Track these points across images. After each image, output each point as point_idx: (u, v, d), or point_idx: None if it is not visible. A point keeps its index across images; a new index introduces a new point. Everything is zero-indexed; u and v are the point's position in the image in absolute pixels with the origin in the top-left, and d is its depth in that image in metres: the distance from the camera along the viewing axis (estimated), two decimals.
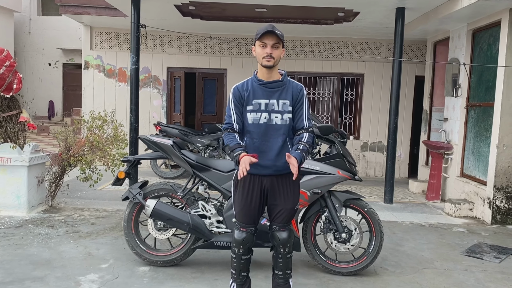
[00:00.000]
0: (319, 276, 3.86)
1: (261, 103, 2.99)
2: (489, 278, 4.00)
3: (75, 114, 13.90)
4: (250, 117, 2.99)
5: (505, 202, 5.85)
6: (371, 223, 3.87)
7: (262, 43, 2.94)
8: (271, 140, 2.99)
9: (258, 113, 2.98)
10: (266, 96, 2.99)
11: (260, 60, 2.97)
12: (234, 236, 3.12)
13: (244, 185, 3.04)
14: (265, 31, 2.91)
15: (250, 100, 2.99)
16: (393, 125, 6.77)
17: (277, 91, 3.02)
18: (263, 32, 2.91)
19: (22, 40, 15.88)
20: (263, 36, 2.92)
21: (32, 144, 5.54)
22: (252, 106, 3.00)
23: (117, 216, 5.53)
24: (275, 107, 2.99)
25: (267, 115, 2.98)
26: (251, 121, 3.00)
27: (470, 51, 6.81)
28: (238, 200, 3.09)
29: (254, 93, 3.00)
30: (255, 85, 3.02)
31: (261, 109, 2.99)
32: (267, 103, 2.99)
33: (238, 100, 3.04)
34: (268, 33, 2.91)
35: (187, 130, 8.15)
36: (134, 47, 6.56)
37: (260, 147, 2.99)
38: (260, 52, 2.95)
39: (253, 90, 3.01)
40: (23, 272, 3.72)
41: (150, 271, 3.84)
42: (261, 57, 2.95)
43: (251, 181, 3.03)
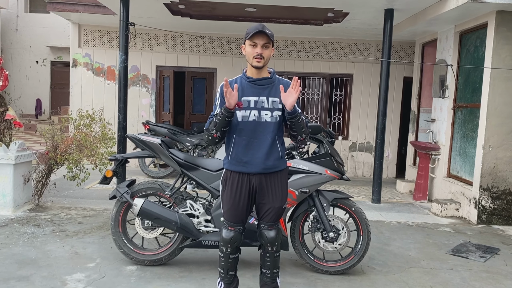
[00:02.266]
0: (306, 275, 3.88)
1: (251, 100, 2.97)
2: (474, 277, 4.05)
3: (63, 112, 13.78)
4: (240, 115, 2.96)
5: (491, 202, 5.92)
6: (359, 223, 3.89)
7: (253, 43, 2.91)
8: (260, 138, 2.98)
9: (247, 111, 2.96)
10: (256, 94, 2.98)
11: (251, 60, 2.95)
12: (222, 235, 3.11)
13: (232, 184, 3.04)
14: (255, 31, 2.89)
15: (239, 97, 2.95)
16: (381, 126, 6.82)
17: (267, 88, 3.01)
18: (253, 32, 2.89)
19: (9, 37, 15.69)
20: (253, 36, 2.90)
21: (18, 142, 5.47)
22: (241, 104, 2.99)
23: (104, 215, 5.49)
24: (264, 104, 2.98)
25: (257, 113, 2.96)
26: (241, 119, 2.96)
27: (458, 52, 6.89)
28: (226, 199, 3.08)
29: (243, 91, 2.98)
30: (244, 83, 3.01)
31: (250, 106, 2.97)
32: (257, 101, 2.97)
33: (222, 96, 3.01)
34: (259, 33, 2.90)
35: (176, 129, 8.11)
36: (122, 45, 6.51)
37: (248, 145, 2.98)
38: (250, 52, 2.93)
39: (242, 87, 2.98)
40: (8, 272, 3.67)
41: (137, 270, 3.82)
42: (251, 56, 2.93)
43: (239, 179, 3.02)
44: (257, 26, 2.92)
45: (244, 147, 2.99)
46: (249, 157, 2.97)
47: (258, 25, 2.92)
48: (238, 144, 3.00)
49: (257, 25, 2.94)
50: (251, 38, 2.91)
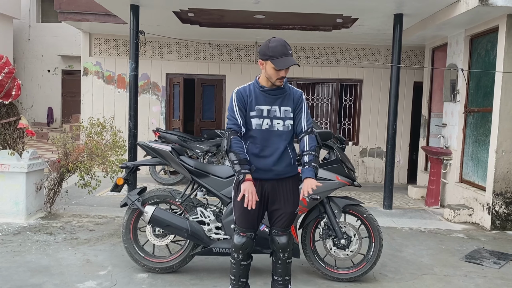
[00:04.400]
0: (318, 282, 3.85)
1: (263, 109, 3.03)
2: (489, 284, 3.98)
3: (74, 120, 13.92)
4: (254, 123, 3.01)
5: (504, 207, 5.84)
6: (370, 229, 3.86)
7: (279, 69, 2.93)
8: (272, 146, 3.03)
9: (260, 119, 3.01)
10: (268, 103, 3.03)
11: (273, 79, 2.98)
12: (234, 241, 3.12)
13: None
14: (285, 66, 2.91)
15: (253, 106, 3.02)
16: (392, 131, 6.77)
17: (279, 98, 3.06)
18: (283, 64, 2.90)
19: (21, 47, 15.94)
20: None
21: (30, 150, 5.53)
22: (255, 112, 3.02)
23: (115, 222, 5.51)
24: (277, 114, 3.03)
25: (269, 121, 3.02)
26: (254, 127, 3.02)
27: (468, 57, 6.83)
28: (238, 205, 3.08)
29: (256, 99, 3.02)
30: (258, 91, 3.04)
31: (263, 115, 3.02)
32: (269, 110, 3.03)
33: (242, 104, 3.04)
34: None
35: (186, 136, 8.15)
36: (133, 53, 6.58)
37: (261, 152, 3.03)
38: (273, 74, 2.95)
39: (256, 96, 3.03)
40: (21, 279, 3.70)
41: (148, 278, 3.82)
42: (275, 78, 2.96)
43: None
44: (283, 51, 2.90)
45: (257, 154, 3.03)
46: (262, 164, 3.01)
47: (285, 51, 2.91)
48: (251, 151, 3.04)
49: (283, 49, 2.91)
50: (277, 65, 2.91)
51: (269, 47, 2.93)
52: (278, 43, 2.94)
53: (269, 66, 2.94)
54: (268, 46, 2.94)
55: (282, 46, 2.92)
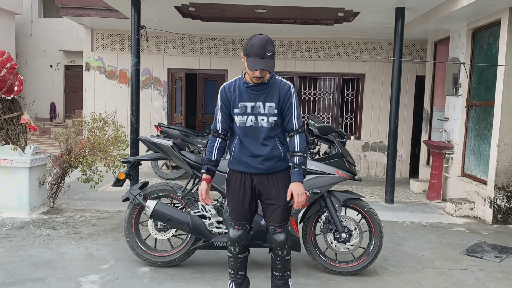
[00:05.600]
0: (319, 276, 3.87)
1: (247, 106, 2.98)
2: (490, 278, 4.00)
3: (77, 115, 13.95)
4: (237, 120, 3.00)
5: (506, 201, 5.84)
6: (371, 223, 3.87)
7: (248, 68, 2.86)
8: (258, 142, 2.99)
9: (244, 116, 2.98)
10: (252, 99, 2.97)
11: (249, 76, 2.93)
12: (229, 234, 3.14)
13: (235, 183, 3.08)
14: (254, 68, 2.80)
15: (236, 103, 2.99)
16: (394, 125, 6.77)
17: (263, 93, 2.98)
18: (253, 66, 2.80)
19: (23, 42, 15.95)
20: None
21: (33, 145, 5.56)
22: (239, 109, 2.99)
23: (118, 217, 5.54)
24: (261, 110, 2.97)
25: (254, 118, 2.97)
26: (239, 124, 3.00)
27: (470, 50, 6.81)
28: (230, 198, 3.13)
29: (240, 96, 2.98)
30: (242, 87, 2.99)
31: (247, 112, 2.97)
32: (253, 106, 2.97)
33: (225, 102, 3.03)
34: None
35: (188, 131, 8.16)
36: (134, 48, 6.57)
37: (248, 148, 3.01)
38: (249, 71, 2.86)
39: (240, 92, 2.99)
40: (24, 273, 3.74)
41: (150, 271, 3.85)
42: (251, 76, 2.90)
43: (241, 178, 3.06)
44: (258, 52, 2.78)
45: (244, 149, 3.02)
46: (249, 159, 3.00)
47: (260, 53, 2.78)
48: (239, 146, 3.03)
49: (260, 50, 2.78)
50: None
51: (248, 44, 2.84)
52: (257, 42, 2.81)
53: (245, 63, 2.89)
54: (248, 43, 2.84)
55: (260, 47, 2.79)
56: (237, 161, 3.05)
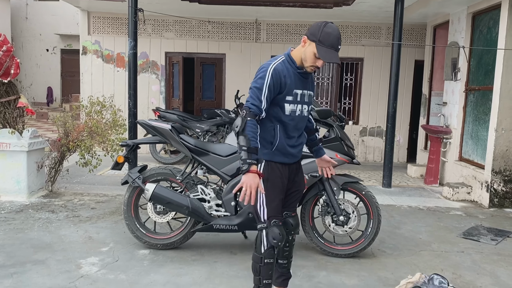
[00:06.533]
0: (317, 258, 3.90)
1: (298, 93, 2.73)
2: (485, 260, 4.04)
3: (74, 100, 13.89)
4: (288, 108, 2.69)
5: (503, 185, 5.88)
6: (369, 206, 3.90)
7: (319, 57, 2.63)
8: (300, 131, 2.85)
9: (295, 105, 2.71)
10: (302, 87, 2.76)
11: (306, 64, 2.68)
12: (273, 235, 2.71)
13: (276, 176, 2.76)
14: (329, 59, 2.63)
15: (291, 90, 2.68)
16: (392, 110, 6.76)
17: (309, 81, 2.83)
18: (328, 57, 2.61)
19: (19, 26, 15.77)
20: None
21: (31, 129, 5.54)
22: (292, 97, 2.69)
23: (117, 200, 5.56)
24: (305, 98, 2.79)
25: (301, 107, 2.76)
26: (288, 113, 2.70)
27: (470, 34, 6.77)
28: (272, 194, 2.73)
29: (295, 82, 2.70)
30: (295, 73, 2.70)
31: (297, 100, 2.73)
32: (302, 94, 2.76)
33: (276, 85, 2.62)
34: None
35: (186, 116, 8.14)
36: (132, 31, 6.51)
37: (292, 139, 2.79)
38: (310, 59, 2.64)
39: (294, 78, 2.69)
40: (24, 256, 3.76)
41: (150, 254, 3.88)
42: (309, 64, 2.67)
43: (282, 170, 2.78)
44: (334, 43, 2.60)
45: (290, 139, 2.77)
46: (293, 149, 2.80)
47: (335, 44, 2.61)
48: (284, 136, 2.75)
49: (335, 41, 2.60)
50: (321, 55, 2.61)
51: (323, 31, 2.59)
52: (334, 32, 2.59)
53: (311, 49, 2.62)
54: (322, 30, 2.59)
55: (336, 38, 2.59)
56: (281, 152, 2.75)
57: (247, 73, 9.18)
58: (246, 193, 2.52)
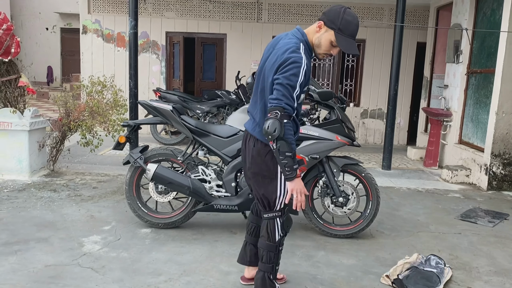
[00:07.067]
0: (316, 238, 3.96)
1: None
2: (482, 241, 4.10)
3: (74, 79, 13.83)
4: (301, 97, 2.53)
5: (502, 168, 5.91)
6: (368, 188, 3.93)
7: (336, 46, 2.52)
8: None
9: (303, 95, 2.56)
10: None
11: (320, 51, 2.55)
12: (288, 224, 2.76)
13: None
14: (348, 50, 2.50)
15: (309, 78, 2.51)
16: (393, 92, 6.75)
17: None
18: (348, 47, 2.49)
19: (18, 3, 15.58)
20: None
21: (32, 109, 5.54)
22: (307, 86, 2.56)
23: (118, 180, 5.60)
24: None
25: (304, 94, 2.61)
26: (300, 101, 2.54)
27: (474, 16, 6.72)
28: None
29: (310, 70, 2.56)
30: (308, 58, 2.51)
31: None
32: None
33: (307, 81, 2.46)
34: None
35: (187, 97, 8.13)
36: (132, 10, 6.45)
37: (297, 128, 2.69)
38: (326, 46, 2.52)
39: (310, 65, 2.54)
40: (28, 233, 3.81)
41: (151, 232, 3.94)
42: (323, 51, 2.55)
43: None
44: (354, 32, 2.48)
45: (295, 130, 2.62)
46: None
47: (355, 33, 2.49)
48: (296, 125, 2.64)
49: (355, 30, 2.48)
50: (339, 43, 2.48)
51: (343, 19, 2.46)
52: (354, 20, 2.48)
53: (328, 36, 2.49)
54: (342, 17, 2.46)
55: (356, 26, 2.48)
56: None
57: (248, 54, 9.14)
58: (298, 199, 2.45)
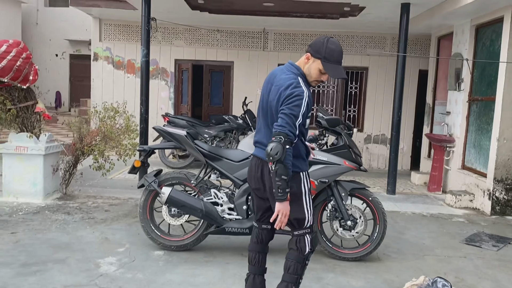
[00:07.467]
0: (325, 261, 4.06)
1: None
2: (487, 265, 4.19)
3: (82, 104, 14.09)
4: (307, 122, 2.78)
5: (504, 193, 6.03)
6: (375, 212, 4.06)
7: (325, 73, 2.77)
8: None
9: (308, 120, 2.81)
10: None
11: (311, 79, 2.80)
12: (316, 241, 2.98)
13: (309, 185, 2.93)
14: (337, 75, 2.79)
15: (310, 107, 2.76)
16: (397, 118, 6.93)
17: None
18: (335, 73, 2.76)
19: (29, 31, 16.03)
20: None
21: (47, 134, 5.73)
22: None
23: (129, 203, 5.73)
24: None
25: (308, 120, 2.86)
26: (307, 126, 2.81)
27: (473, 46, 6.95)
28: (310, 201, 2.90)
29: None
30: (308, 89, 2.77)
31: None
32: None
33: (309, 112, 2.71)
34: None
35: (195, 121, 8.33)
36: (144, 40, 6.71)
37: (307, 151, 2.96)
38: (316, 75, 2.78)
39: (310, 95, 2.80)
40: (45, 255, 3.93)
41: (164, 255, 4.05)
42: (314, 79, 2.80)
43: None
44: (338, 58, 2.75)
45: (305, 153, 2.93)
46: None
47: (340, 59, 2.76)
48: (302, 150, 2.88)
49: (340, 56, 2.75)
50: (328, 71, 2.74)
51: (327, 48, 2.72)
52: (337, 47, 2.74)
53: (316, 65, 2.75)
54: (326, 46, 2.72)
55: (340, 53, 2.74)
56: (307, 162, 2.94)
57: (254, 81, 9.39)
58: (281, 220, 2.65)
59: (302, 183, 2.83)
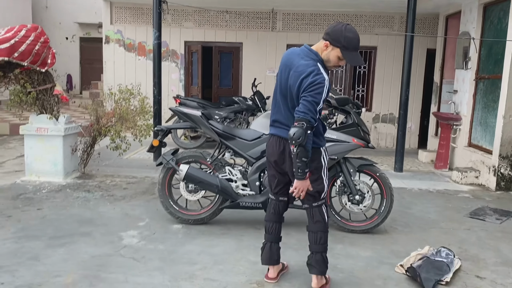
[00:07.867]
0: (334, 233, 4.26)
1: None
2: (490, 236, 4.39)
3: (93, 87, 14.31)
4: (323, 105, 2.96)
5: (509, 169, 6.18)
6: (383, 187, 4.25)
7: (343, 59, 2.90)
8: None
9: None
10: None
11: (330, 64, 2.93)
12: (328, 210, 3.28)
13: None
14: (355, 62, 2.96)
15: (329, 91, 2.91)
16: (405, 97, 7.05)
17: None
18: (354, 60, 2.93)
19: (39, 15, 16.16)
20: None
21: (66, 115, 5.96)
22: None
23: (146, 181, 5.97)
24: None
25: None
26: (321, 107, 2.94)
27: (481, 24, 7.01)
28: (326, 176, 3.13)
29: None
30: (327, 74, 2.88)
31: None
32: None
33: (328, 92, 2.85)
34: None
35: (205, 103, 8.50)
36: (156, 22, 6.86)
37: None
38: (334, 61, 2.90)
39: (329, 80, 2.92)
40: (71, 229, 4.18)
41: (183, 228, 4.29)
42: (332, 64, 2.93)
43: None
44: (356, 45, 2.85)
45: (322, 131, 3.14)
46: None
47: (358, 46, 2.87)
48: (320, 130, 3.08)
49: (357, 43, 2.85)
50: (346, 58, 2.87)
51: (345, 37, 2.82)
52: (355, 35, 2.84)
53: (335, 53, 2.87)
54: (344, 35, 2.82)
55: (357, 40, 2.85)
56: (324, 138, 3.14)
57: (263, 62, 9.52)
58: (299, 193, 2.93)
59: (322, 157, 3.06)
